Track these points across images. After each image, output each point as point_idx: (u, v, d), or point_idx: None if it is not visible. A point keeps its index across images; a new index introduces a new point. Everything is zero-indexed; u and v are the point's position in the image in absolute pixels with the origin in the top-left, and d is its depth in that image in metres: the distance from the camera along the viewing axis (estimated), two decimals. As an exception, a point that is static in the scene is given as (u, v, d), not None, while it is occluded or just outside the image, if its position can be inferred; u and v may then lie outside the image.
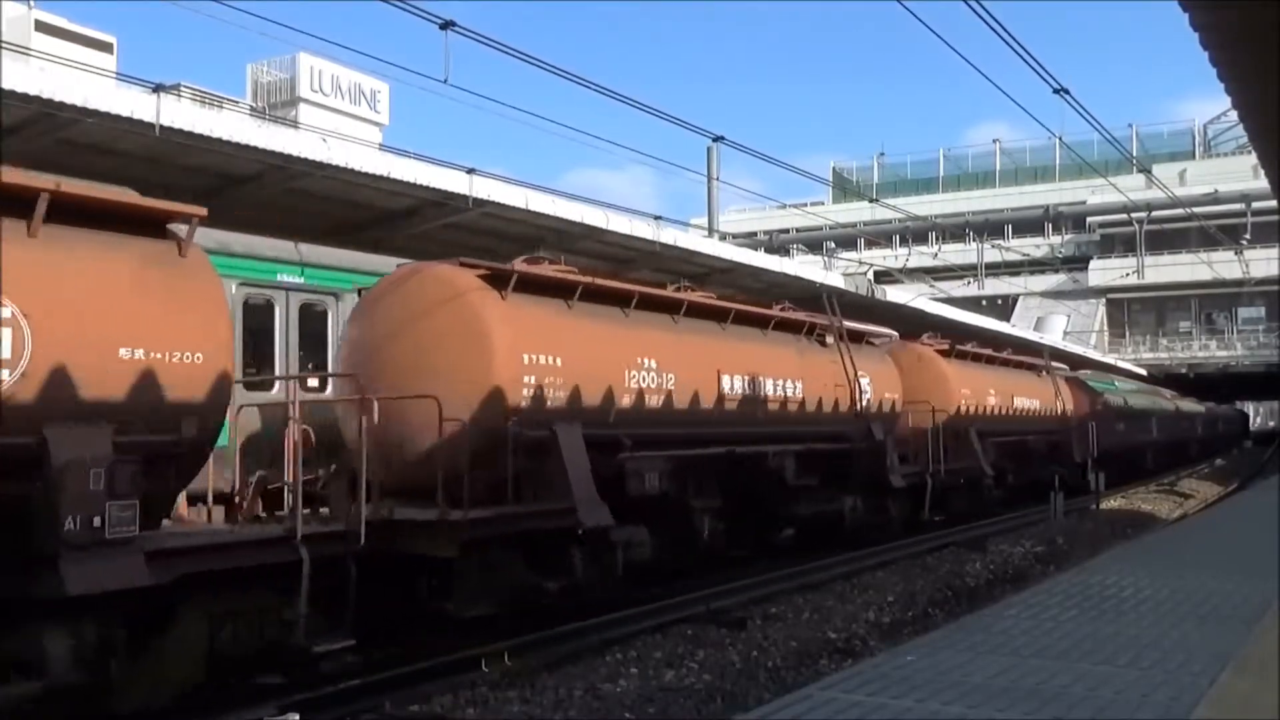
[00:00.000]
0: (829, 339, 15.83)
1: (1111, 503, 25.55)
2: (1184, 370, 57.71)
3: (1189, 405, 49.71)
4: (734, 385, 12.99)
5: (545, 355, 10.38)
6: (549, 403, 10.35)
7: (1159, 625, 7.13)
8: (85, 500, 6.46)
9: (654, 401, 11.58)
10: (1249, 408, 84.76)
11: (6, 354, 6.45)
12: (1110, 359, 53.92)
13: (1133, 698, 5.32)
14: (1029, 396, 24.84)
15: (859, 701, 5.24)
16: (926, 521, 18.22)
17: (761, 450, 13.68)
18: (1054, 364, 29.53)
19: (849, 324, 17.28)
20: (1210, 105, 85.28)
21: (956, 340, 22.92)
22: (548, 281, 11.11)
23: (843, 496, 15.87)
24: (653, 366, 11.55)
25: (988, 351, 24.07)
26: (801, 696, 5.47)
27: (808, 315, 15.77)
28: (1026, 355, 27.39)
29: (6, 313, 6.50)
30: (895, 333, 18.85)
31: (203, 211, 7.77)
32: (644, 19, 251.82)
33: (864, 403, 16.09)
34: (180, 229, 7.69)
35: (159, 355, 7.12)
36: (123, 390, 6.92)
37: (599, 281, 11.60)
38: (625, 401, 11.15)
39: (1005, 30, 11.66)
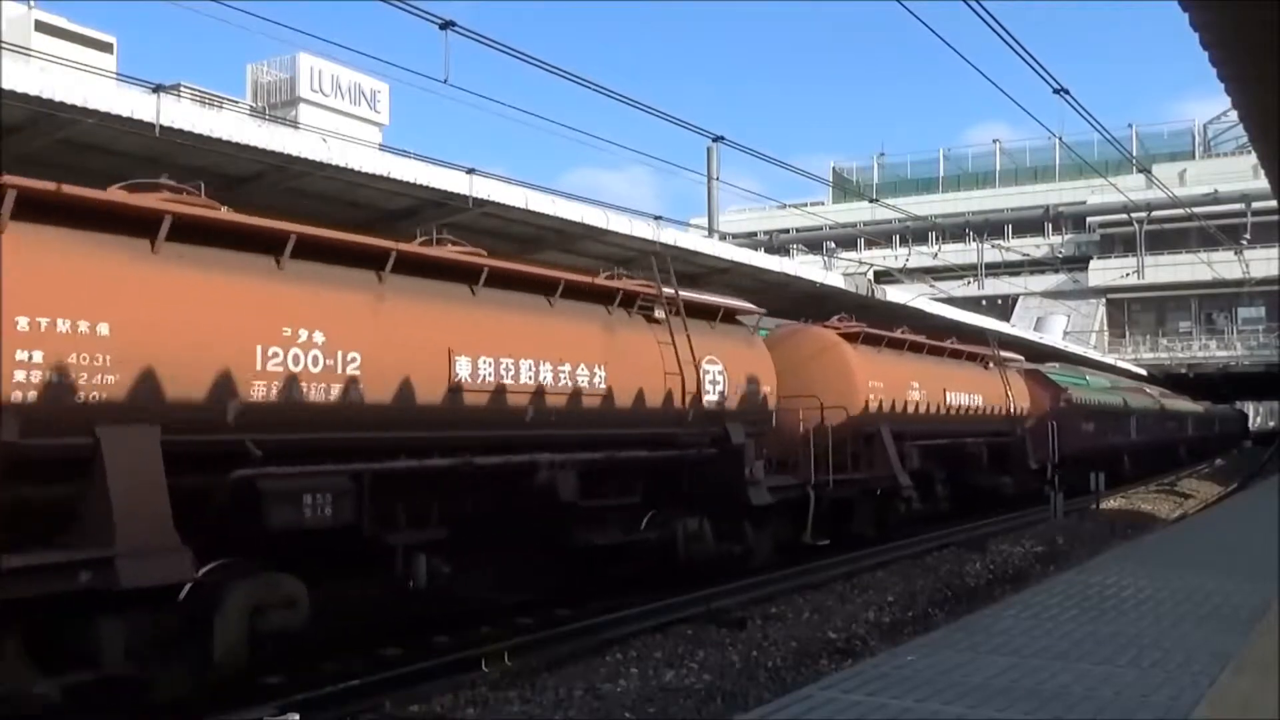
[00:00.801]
0: (659, 313, 12.27)
1: (1111, 503, 25.55)
2: (1184, 370, 57.70)
3: (1179, 404, 46.51)
4: (479, 372, 9.47)
5: (79, 321, 6.76)
6: (81, 394, 6.72)
7: (1159, 625, 7.13)
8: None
9: (320, 393, 8.04)
10: (1249, 408, 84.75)
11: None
12: (1110, 359, 53.92)
13: (1133, 698, 5.32)
14: (968, 391, 20.69)
15: (859, 701, 5.24)
16: (810, 546, 14.88)
17: (528, 460, 10.00)
18: (1009, 355, 24.53)
19: (699, 295, 13.82)
20: (1210, 105, 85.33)
21: (878, 324, 19.12)
22: (109, 210, 7.31)
23: (675, 520, 12.22)
24: (318, 342, 8.04)
25: (915, 338, 19.66)
26: (801, 696, 5.47)
27: (627, 282, 12.52)
28: (971, 344, 22.77)
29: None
30: (763, 310, 15.13)
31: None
32: (644, 19, 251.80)
33: (716, 396, 12.53)
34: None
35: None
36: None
37: (214, 215, 7.99)
38: (258, 393, 7.64)
39: (1005, 30, 11.68)
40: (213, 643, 7.18)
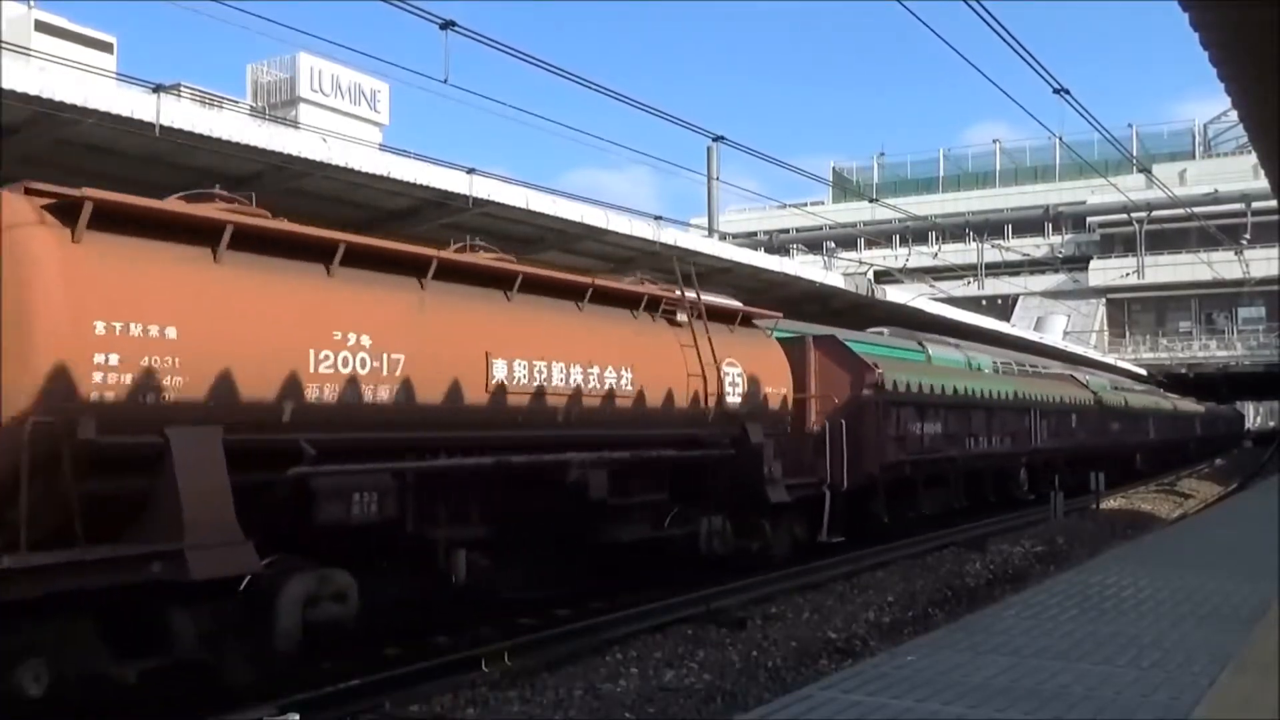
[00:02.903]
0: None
1: (1111, 503, 25.53)
2: (1184, 370, 57.73)
3: (1132, 398, 36.29)
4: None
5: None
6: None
7: (1159, 625, 7.13)
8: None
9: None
10: (1249, 408, 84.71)
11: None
12: (1110, 359, 53.94)
13: (1133, 698, 5.32)
14: (587, 361, 11.64)
15: (859, 701, 5.24)
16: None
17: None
18: (760, 312, 14.79)
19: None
20: (1210, 105, 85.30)
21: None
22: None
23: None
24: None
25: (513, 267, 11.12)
26: (801, 696, 5.47)
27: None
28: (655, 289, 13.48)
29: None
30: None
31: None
32: (644, 19, 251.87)
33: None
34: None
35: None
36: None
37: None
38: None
39: (1005, 30, 11.68)
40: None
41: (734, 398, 12.71)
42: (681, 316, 12.45)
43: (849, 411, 15.75)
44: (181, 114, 13.73)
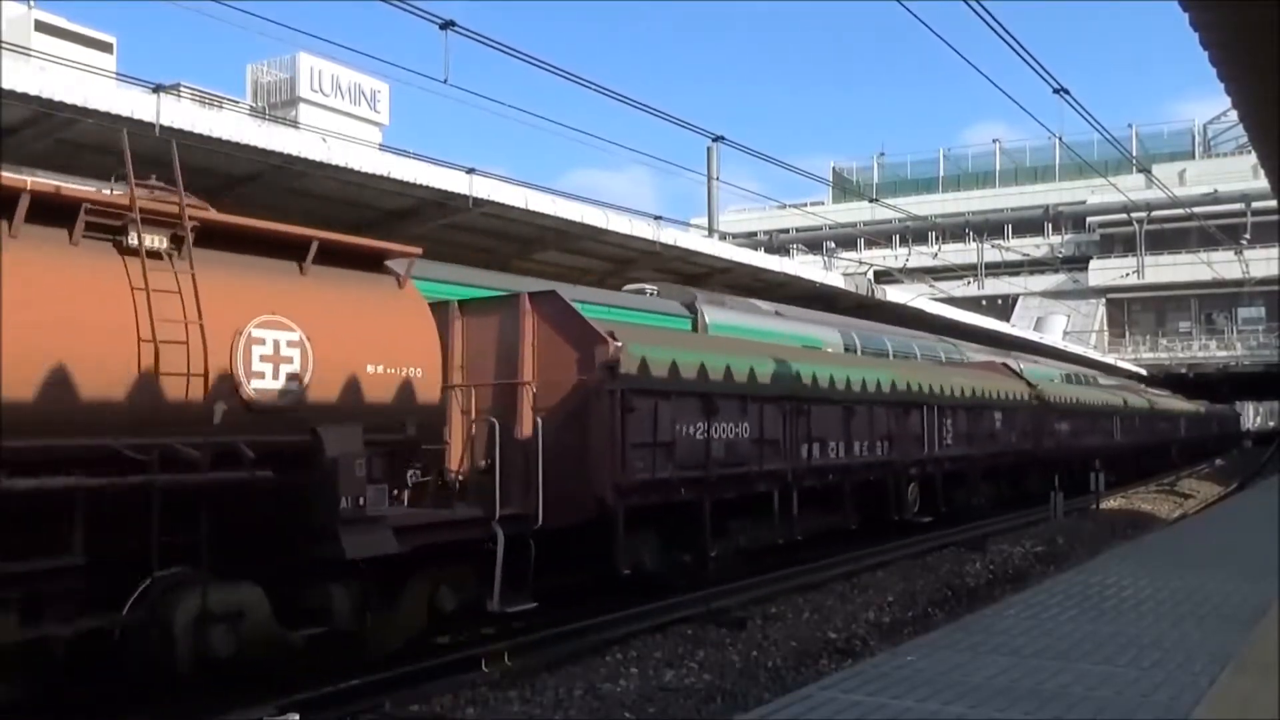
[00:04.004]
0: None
1: (1111, 503, 25.53)
2: (1184, 370, 57.74)
3: (1088, 394, 30.23)
4: None
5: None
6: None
7: (1159, 625, 7.13)
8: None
9: None
10: (1248, 408, 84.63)
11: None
12: (1110, 359, 53.97)
13: (1133, 698, 5.32)
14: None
15: (859, 701, 5.24)
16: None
17: None
18: (387, 248, 9.53)
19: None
20: (1210, 105, 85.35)
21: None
22: None
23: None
24: None
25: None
26: (801, 696, 5.47)
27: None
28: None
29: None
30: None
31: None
32: (644, 19, 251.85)
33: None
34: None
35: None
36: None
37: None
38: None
39: (1005, 30, 11.69)
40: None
41: (275, 382, 7.90)
42: (158, 241, 7.47)
43: (572, 406, 10.79)
44: (181, 114, 13.75)
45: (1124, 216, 55.39)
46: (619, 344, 10.93)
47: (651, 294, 18.66)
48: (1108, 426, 30.57)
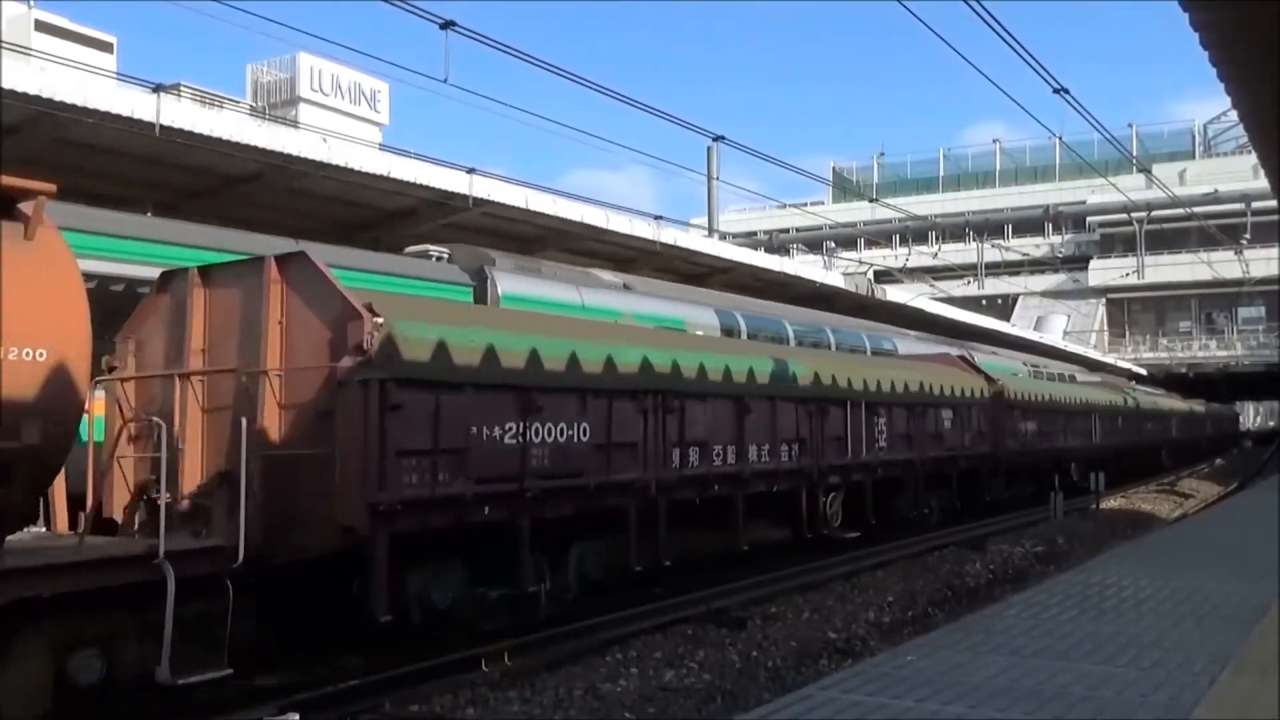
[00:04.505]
0: None
1: (1111, 503, 25.53)
2: (1184, 370, 57.76)
3: (1060, 390, 27.02)
4: None
5: None
6: None
7: (1159, 625, 7.13)
8: None
9: None
10: (1248, 407, 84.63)
11: None
12: (1110, 359, 53.99)
13: (1133, 698, 5.32)
14: None
15: (859, 701, 5.24)
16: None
17: None
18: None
19: None
20: (1210, 105, 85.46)
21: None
22: None
23: None
24: None
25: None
26: (801, 696, 5.47)
27: None
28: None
29: None
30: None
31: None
32: (644, 19, 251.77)
33: None
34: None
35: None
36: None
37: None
38: None
39: (1005, 30, 11.69)
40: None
41: None
42: None
43: (321, 402, 8.52)
44: (182, 114, 13.75)
45: (1124, 216, 55.41)
46: (378, 319, 8.39)
47: (440, 259, 14.73)
48: (1085, 426, 27.93)
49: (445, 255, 14.80)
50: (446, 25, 11.39)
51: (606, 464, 10.42)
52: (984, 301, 58.47)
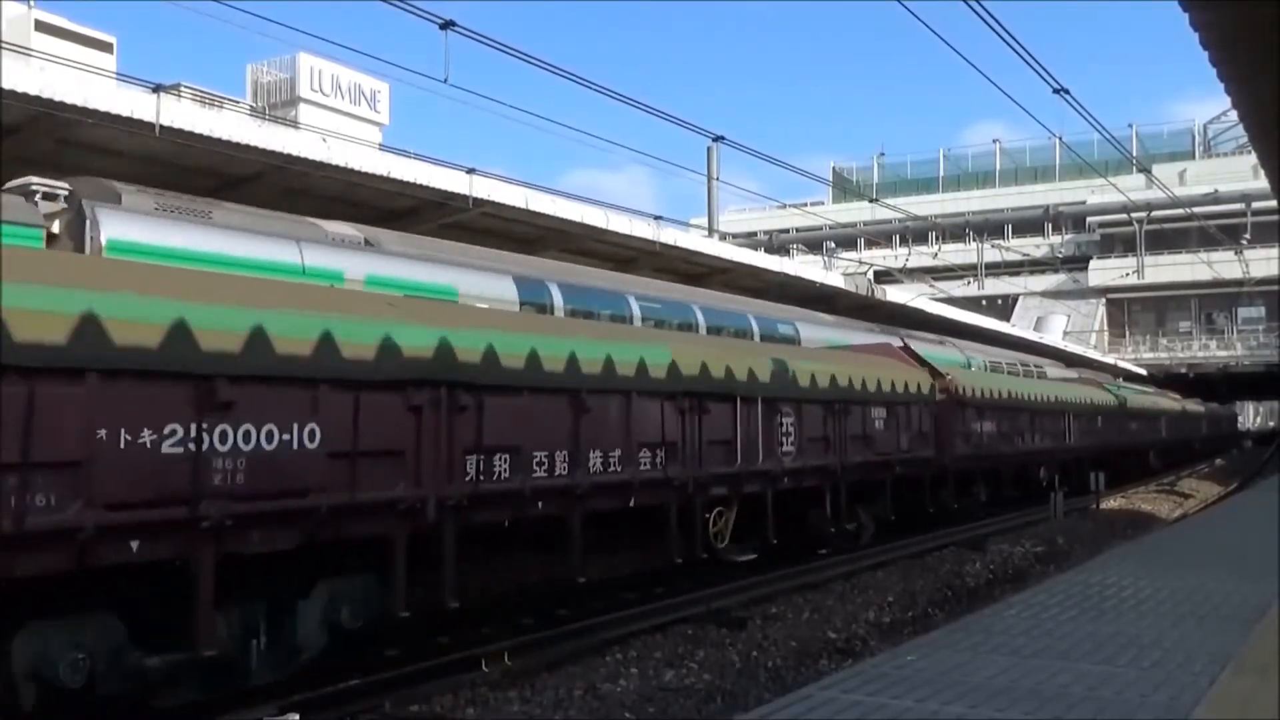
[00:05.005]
0: None
1: (1111, 503, 25.54)
2: (1184, 370, 57.76)
3: (1019, 386, 24.18)
4: None
5: None
6: None
7: (1159, 625, 7.13)
8: None
9: None
10: (1248, 407, 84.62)
11: None
12: (1110, 359, 53.98)
13: (1133, 698, 5.32)
14: None
15: (859, 701, 5.24)
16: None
17: None
18: None
19: None
20: (1210, 105, 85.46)
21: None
22: None
23: None
24: None
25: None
26: (801, 696, 5.47)
27: None
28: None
29: None
30: None
31: None
32: (644, 19, 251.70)
33: None
34: None
35: None
36: None
37: None
38: None
39: (1005, 30, 11.69)
40: None
41: None
42: None
43: None
44: (182, 114, 13.76)
45: (1124, 216, 55.39)
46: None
47: (50, 195, 10.72)
48: (1057, 427, 25.22)
49: (66, 191, 10.86)
50: (446, 25, 11.39)
51: (350, 479, 7.64)
52: (984, 302, 58.46)
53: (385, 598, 8.10)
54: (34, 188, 10.81)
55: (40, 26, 26.41)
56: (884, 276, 47.46)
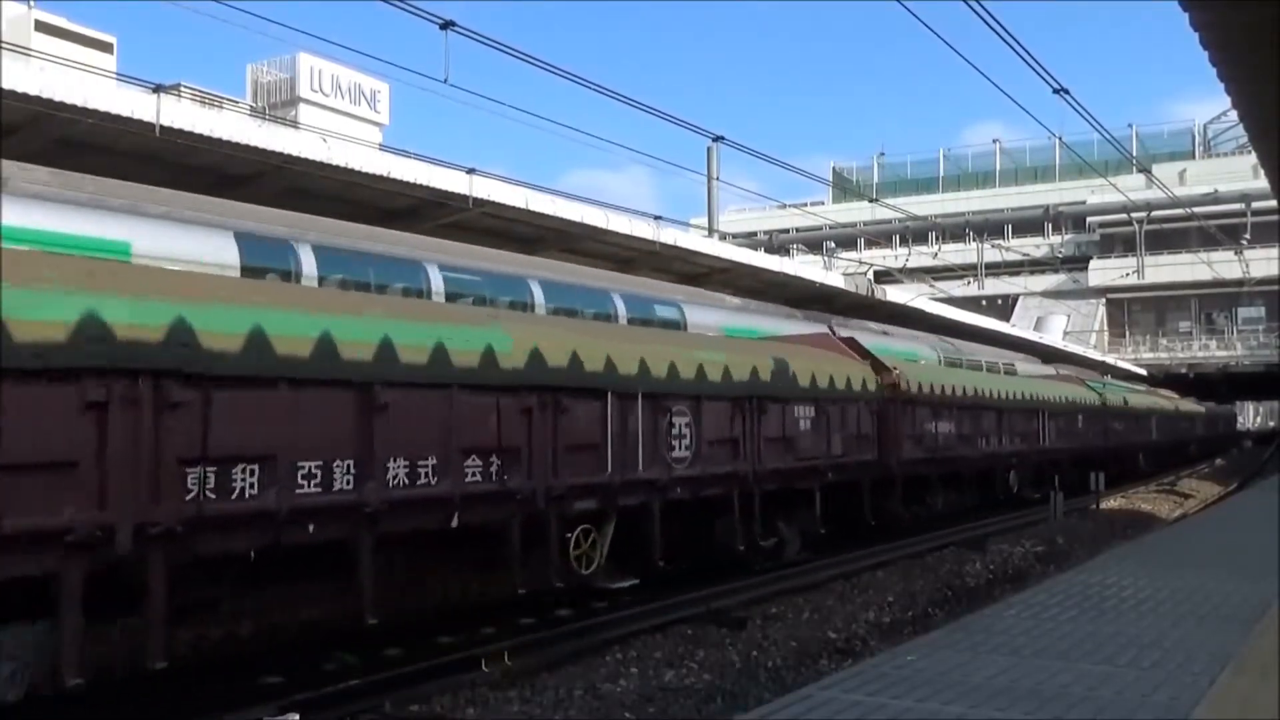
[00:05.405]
0: None
1: (1111, 503, 25.54)
2: (1184, 370, 57.77)
3: (980, 381, 21.80)
4: None
5: None
6: None
7: (1159, 625, 7.13)
8: None
9: None
10: (1248, 407, 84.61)
11: None
12: (1110, 359, 53.98)
13: (1133, 698, 5.32)
14: None
15: (859, 701, 5.24)
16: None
17: None
18: None
19: None
20: (1210, 105, 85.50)
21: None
22: None
23: None
24: None
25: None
26: (801, 696, 5.47)
27: None
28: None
29: None
30: None
31: None
32: (644, 19, 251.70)
33: None
34: None
35: None
36: None
37: None
38: None
39: (1005, 30, 11.70)
40: None
41: None
42: None
43: None
44: (182, 114, 13.76)
45: (1124, 216, 55.37)
46: None
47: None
48: (1028, 427, 23.05)
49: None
50: (446, 25, 11.39)
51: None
52: (984, 302, 58.47)
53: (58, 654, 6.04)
54: None
55: (40, 26, 26.43)
56: (884, 276, 47.46)
